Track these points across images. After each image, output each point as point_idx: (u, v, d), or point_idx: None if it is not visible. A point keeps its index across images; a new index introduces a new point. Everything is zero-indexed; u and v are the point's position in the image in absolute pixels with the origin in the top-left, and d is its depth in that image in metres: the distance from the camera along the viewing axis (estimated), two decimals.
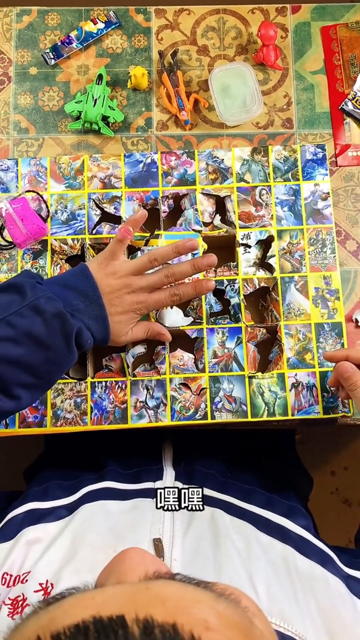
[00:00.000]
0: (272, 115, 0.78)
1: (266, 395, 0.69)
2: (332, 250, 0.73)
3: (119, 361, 0.71)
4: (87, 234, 0.73)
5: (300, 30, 0.80)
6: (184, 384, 0.70)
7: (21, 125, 0.78)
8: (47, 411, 0.69)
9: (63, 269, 0.73)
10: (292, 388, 0.69)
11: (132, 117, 0.78)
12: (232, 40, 0.80)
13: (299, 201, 0.74)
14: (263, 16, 0.81)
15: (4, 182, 0.75)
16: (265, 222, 0.73)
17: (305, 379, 0.70)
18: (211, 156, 0.75)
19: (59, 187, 0.74)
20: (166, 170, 0.75)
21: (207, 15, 0.81)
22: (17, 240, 0.70)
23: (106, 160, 0.75)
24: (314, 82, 0.79)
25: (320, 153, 0.75)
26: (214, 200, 0.75)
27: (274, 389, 0.69)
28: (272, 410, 0.69)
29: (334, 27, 0.80)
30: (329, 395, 0.69)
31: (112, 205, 0.74)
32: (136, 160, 0.75)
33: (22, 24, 0.80)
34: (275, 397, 0.69)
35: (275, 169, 0.75)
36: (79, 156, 0.75)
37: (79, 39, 0.79)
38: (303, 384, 0.70)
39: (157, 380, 0.70)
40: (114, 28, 0.80)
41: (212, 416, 0.69)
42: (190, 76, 0.79)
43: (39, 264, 0.73)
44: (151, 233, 0.73)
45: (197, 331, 0.71)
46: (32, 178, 0.74)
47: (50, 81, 0.79)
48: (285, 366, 0.70)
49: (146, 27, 0.80)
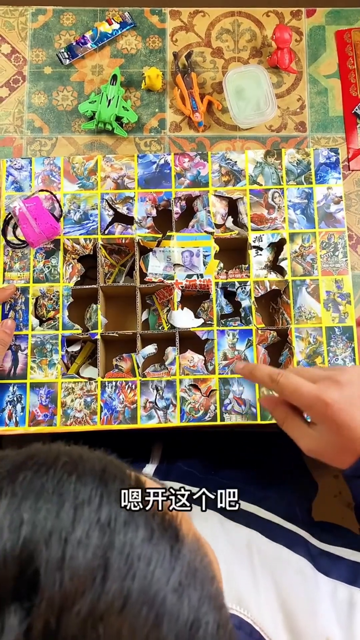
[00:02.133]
0: (285, 118, 0.78)
1: None
2: (344, 254, 0.73)
3: (129, 361, 0.71)
4: (99, 234, 0.73)
5: (315, 33, 0.80)
6: (194, 385, 0.70)
7: (35, 124, 0.78)
8: (57, 410, 0.69)
9: (75, 269, 0.73)
10: None
11: (145, 118, 0.78)
12: (247, 42, 0.80)
13: (312, 204, 0.74)
14: (278, 19, 0.81)
15: (18, 181, 0.75)
16: (278, 224, 0.73)
17: None
18: (224, 158, 0.75)
19: (72, 187, 0.74)
20: (179, 171, 0.75)
21: (222, 17, 0.81)
22: (30, 239, 0.70)
23: (119, 160, 0.75)
24: (328, 86, 0.79)
25: (334, 157, 0.75)
26: (226, 202, 0.75)
27: None
28: None
29: (348, 31, 0.80)
30: None
31: (125, 206, 0.74)
32: (149, 161, 0.75)
33: (38, 23, 0.81)
34: None
35: (288, 172, 0.75)
36: (92, 156, 0.75)
37: (93, 39, 0.79)
38: None
39: (167, 381, 0.70)
40: (128, 29, 0.80)
41: (221, 418, 0.69)
42: (204, 78, 0.79)
43: (51, 263, 0.73)
44: (163, 234, 0.73)
45: (208, 333, 0.71)
46: (45, 177, 0.75)
47: (65, 81, 0.79)
48: None
49: (161, 29, 0.81)
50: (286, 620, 0.41)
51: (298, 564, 0.46)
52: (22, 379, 0.70)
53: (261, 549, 0.48)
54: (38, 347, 0.71)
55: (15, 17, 0.81)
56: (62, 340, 0.71)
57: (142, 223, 0.73)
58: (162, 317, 0.76)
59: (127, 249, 0.77)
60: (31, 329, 0.71)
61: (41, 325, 0.72)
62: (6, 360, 0.71)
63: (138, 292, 0.72)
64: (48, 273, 0.73)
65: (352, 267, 0.74)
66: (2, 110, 0.79)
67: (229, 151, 0.76)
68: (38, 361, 0.71)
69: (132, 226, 0.73)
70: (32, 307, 0.72)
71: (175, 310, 0.72)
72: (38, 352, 0.71)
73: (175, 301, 0.72)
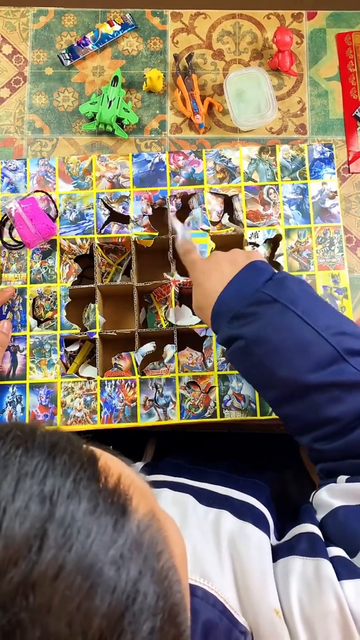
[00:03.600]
0: (285, 120, 0.79)
1: None
2: (340, 248, 0.73)
3: (128, 360, 0.71)
4: (95, 233, 0.73)
5: (316, 36, 0.81)
6: (193, 382, 0.70)
7: (36, 125, 0.78)
8: (57, 410, 0.69)
9: (72, 269, 0.73)
10: None
11: (146, 119, 0.79)
12: (248, 45, 0.81)
13: (307, 200, 0.74)
14: (279, 22, 0.81)
15: (13, 182, 0.75)
16: (273, 220, 0.74)
17: None
18: (219, 155, 0.75)
19: (67, 187, 0.75)
20: (174, 169, 0.75)
21: (223, 19, 0.81)
22: (27, 240, 0.70)
23: (114, 160, 0.75)
24: (328, 89, 0.80)
25: (328, 152, 0.75)
26: (222, 199, 0.75)
27: None
28: None
29: (349, 34, 0.80)
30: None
31: (121, 205, 0.74)
32: (144, 160, 0.75)
33: (39, 24, 0.81)
34: None
35: (282, 168, 0.75)
36: (87, 156, 0.76)
37: (95, 40, 0.80)
38: None
39: (166, 378, 0.70)
40: (130, 30, 0.80)
41: (221, 414, 0.69)
42: (205, 80, 0.80)
43: (48, 263, 0.73)
44: (160, 232, 0.73)
45: (206, 330, 0.71)
46: (40, 178, 0.75)
47: (66, 82, 0.80)
48: None
49: (162, 30, 0.81)
50: (243, 592, 0.42)
51: (259, 538, 0.47)
52: (21, 379, 0.70)
53: (227, 525, 0.49)
54: (37, 348, 0.71)
55: (16, 18, 0.81)
56: (61, 340, 0.71)
57: (138, 222, 0.74)
58: (160, 315, 0.76)
59: (123, 248, 0.77)
60: (29, 329, 0.71)
61: (39, 326, 0.72)
62: (5, 362, 0.71)
63: (135, 290, 0.72)
64: (45, 273, 0.73)
65: (352, 270, 0.74)
66: (3, 111, 0.79)
67: (223, 148, 0.76)
68: (37, 362, 0.71)
69: (128, 225, 0.73)
70: (30, 307, 0.72)
71: (172, 308, 0.72)
72: (37, 352, 0.71)
73: (172, 299, 0.72)
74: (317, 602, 0.39)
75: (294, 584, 0.41)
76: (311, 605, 0.40)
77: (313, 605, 0.40)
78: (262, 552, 0.46)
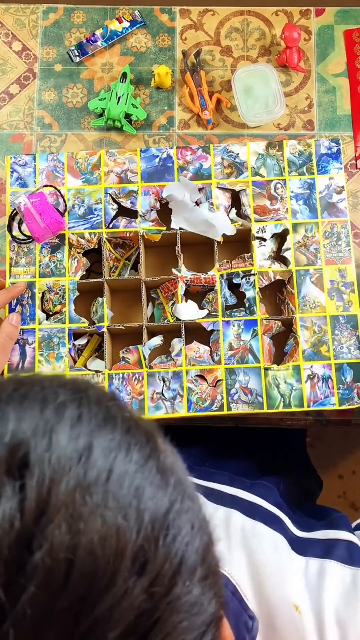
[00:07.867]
0: (293, 116, 0.79)
1: (282, 387, 0.70)
2: (347, 243, 0.73)
3: (136, 353, 0.72)
4: (103, 228, 0.74)
5: (324, 33, 0.81)
6: (200, 375, 0.71)
7: (45, 121, 0.79)
8: None
9: (80, 263, 0.74)
10: (307, 380, 0.70)
11: (154, 115, 0.79)
12: (256, 41, 0.81)
13: (314, 195, 0.74)
14: (287, 18, 0.81)
15: (22, 177, 0.76)
16: (281, 215, 0.74)
17: (320, 371, 0.70)
18: (226, 151, 0.76)
19: (76, 182, 0.75)
20: (182, 164, 0.75)
21: (231, 16, 0.81)
22: (36, 234, 0.71)
23: (122, 155, 0.76)
24: (336, 85, 0.80)
25: (335, 147, 0.76)
26: (229, 194, 0.75)
27: (290, 380, 0.70)
28: (287, 401, 0.69)
29: (357, 30, 0.81)
30: (344, 387, 0.70)
31: (129, 200, 0.75)
32: (152, 155, 0.76)
33: (48, 21, 0.82)
34: (291, 389, 0.70)
35: (290, 162, 0.75)
36: (95, 151, 0.76)
37: (104, 37, 0.80)
38: (319, 375, 0.70)
39: (174, 372, 0.71)
40: (138, 27, 0.81)
41: (228, 407, 0.69)
42: (213, 76, 0.80)
43: (57, 257, 0.74)
44: (167, 227, 0.74)
45: (213, 324, 0.72)
46: (49, 173, 0.76)
47: (75, 78, 0.80)
48: (300, 358, 0.70)
49: (170, 27, 0.81)
50: (258, 585, 0.44)
51: (273, 537, 0.49)
52: (30, 372, 0.71)
53: (238, 523, 0.50)
54: (45, 341, 0.72)
55: (26, 15, 0.82)
56: (69, 333, 0.72)
57: (146, 216, 0.74)
58: (167, 310, 0.76)
59: (131, 243, 0.78)
60: (38, 323, 0.72)
61: (48, 319, 0.72)
62: (14, 354, 0.71)
63: (143, 285, 0.73)
64: (54, 267, 0.73)
65: (359, 264, 0.74)
66: (12, 107, 0.80)
67: (230, 143, 0.77)
68: (46, 355, 0.71)
69: (136, 220, 0.74)
70: (39, 301, 0.73)
71: (179, 303, 0.73)
72: (45, 345, 0.71)
73: (179, 294, 0.73)
74: (353, 609, 0.42)
75: (329, 587, 0.43)
76: (347, 611, 0.42)
77: (349, 611, 0.42)
78: (278, 549, 0.47)
